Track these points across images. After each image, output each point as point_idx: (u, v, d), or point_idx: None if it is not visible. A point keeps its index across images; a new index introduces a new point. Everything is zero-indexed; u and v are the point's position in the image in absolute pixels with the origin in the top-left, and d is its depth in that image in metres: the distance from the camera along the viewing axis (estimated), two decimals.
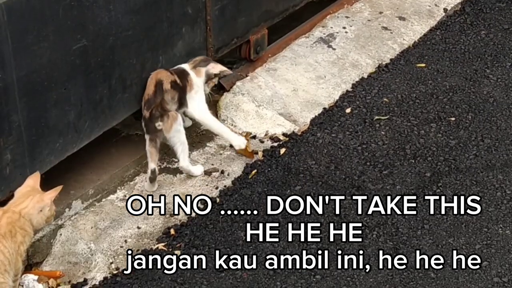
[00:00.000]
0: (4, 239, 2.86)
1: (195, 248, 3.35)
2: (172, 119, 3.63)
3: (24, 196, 3.01)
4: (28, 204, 2.98)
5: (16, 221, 2.94)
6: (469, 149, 3.87)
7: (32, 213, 2.98)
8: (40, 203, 2.99)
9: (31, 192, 3.02)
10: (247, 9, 4.23)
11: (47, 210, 3.02)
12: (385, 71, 4.54)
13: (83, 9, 3.24)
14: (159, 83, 3.64)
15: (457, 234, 3.37)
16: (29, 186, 3.05)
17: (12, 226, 2.92)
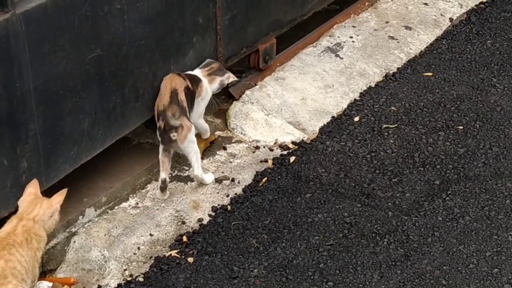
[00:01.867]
0: (21, 248, 2.89)
1: (208, 255, 3.38)
2: (186, 130, 3.66)
3: (31, 204, 3.03)
4: (39, 211, 3.01)
5: (31, 228, 2.97)
6: (477, 157, 3.91)
7: (44, 219, 3.02)
8: (50, 208, 3.03)
9: (36, 199, 3.05)
10: (256, 19, 4.27)
11: (56, 215, 3.06)
12: (392, 80, 4.58)
13: (98, 19, 3.28)
14: (174, 93, 3.65)
15: (468, 241, 3.40)
16: (31, 193, 3.07)
17: (28, 233, 2.95)
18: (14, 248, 2.86)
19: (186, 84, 3.73)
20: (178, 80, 3.71)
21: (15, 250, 2.86)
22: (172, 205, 3.69)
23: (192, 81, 3.80)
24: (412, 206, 3.62)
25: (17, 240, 2.90)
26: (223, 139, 4.14)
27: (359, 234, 3.47)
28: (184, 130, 3.65)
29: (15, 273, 2.81)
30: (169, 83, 3.69)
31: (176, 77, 3.72)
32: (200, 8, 3.86)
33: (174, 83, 3.69)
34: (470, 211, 3.57)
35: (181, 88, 3.68)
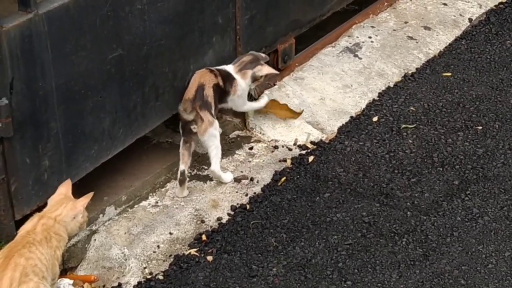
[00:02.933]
0: (41, 246, 2.92)
1: (227, 254, 3.40)
2: (207, 124, 3.69)
3: (57, 203, 3.08)
4: (62, 212, 3.04)
5: (51, 227, 3.00)
6: (496, 158, 3.91)
7: (66, 220, 3.05)
8: (74, 210, 3.06)
9: (64, 199, 3.09)
10: (275, 19, 4.29)
11: (80, 217, 3.09)
12: (411, 80, 4.58)
13: (119, 19, 3.31)
14: (200, 87, 3.70)
15: (487, 242, 3.40)
16: (62, 193, 3.11)
17: (48, 232, 2.98)
18: (34, 246, 2.89)
19: (216, 82, 3.79)
20: (208, 77, 3.76)
21: (35, 248, 2.89)
22: (191, 204, 3.71)
23: (226, 79, 3.86)
24: (431, 206, 3.62)
25: (36, 238, 2.93)
26: (242, 139, 4.15)
27: (377, 233, 3.48)
28: (204, 124, 3.69)
29: (36, 270, 2.85)
30: (199, 78, 3.75)
31: (207, 73, 3.78)
32: (219, 8, 3.88)
33: (204, 78, 3.75)
34: (489, 211, 3.57)
35: (209, 84, 3.74)
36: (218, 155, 3.78)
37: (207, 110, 3.71)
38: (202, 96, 3.70)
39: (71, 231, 3.10)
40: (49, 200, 3.11)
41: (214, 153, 3.77)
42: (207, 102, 3.72)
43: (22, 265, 2.81)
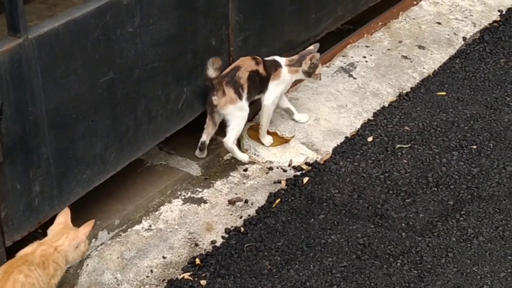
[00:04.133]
0: (38, 269, 2.90)
1: (221, 278, 3.38)
2: (229, 100, 3.86)
3: (58, 234, 3.06)
4: (64, 242, 3.03)
5: (50, 255, 2.98)
6: (491, 177, 3.89)
7: (69, 250, 3.04)
8: (76, 240, 3.05)
9: (64, 229, 3.07)
10: (269, 40, 4.29)
11: (82, 246, 3.09)
12: (406, 100, 4.57)
13: (110, 43, 3.31)
14: (235, 68, 3.93)
15: (482, 262, 3.38)
16: (61, 223, 3.10)
17: (46, 258, 2.95)
18: (32, 266, 2.88)
19: (256, 68, 3.96)
20: (248, 62, 3.96)
21: (33, 268, 2.87)
22: (185, 227, 3.69)
23: (269, 66, 4.05)
24: (425, 227, 3.60)
25: (34, 260, 2.92)
26: (236, 160, 4.13)
27: (372, 255, 3.45)
28: (225, 98, 3.87)
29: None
30: (238, 62, 3.98)
31: (248, 59, 3.99)
32: (212, 30, 3.88)
33: (242, 62, 3.97)
34: (484, 231, 3.55)
35: (246, 68, 3.92)
36: (235, 130, 3.96)
37: (233, 88, 3.88)
38: (234, 76, 3.89)
39: (72, 260, 3.09)
40: (49, 231, 3.09)
41: (232, 127, 3.95)
42: (237, 82, 3.90)
43: (21, 282, 2.80)
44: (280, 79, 4.11)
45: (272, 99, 4.11)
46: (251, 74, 3.94)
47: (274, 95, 4.11)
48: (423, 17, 5.40)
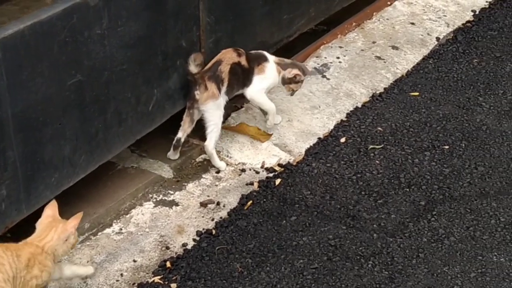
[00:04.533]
0: (18, 260, 2.86)
1: (191, 281, 3.35)
2: (210, 95, 3.84)
3: (47, 228, 3.05)
4: (53, 237, 3.02)
5: (38, 255, 2.96)
6: (463, 177, 3.89)
7: (58, 244, 3.03)
8: (65, 233, 3.05)
9: (53, 222, 3.06)
10: (241, 41, 4.27)
11: (72, 238, 3.08)
12: (379, 100, 4.57)
13: (78, 45, 3.27)
14: (217, 63, 3.90)
15: (452, 263, 3.38)
16: (49, 216, 3.08)
17: (33, 257, 2.93)
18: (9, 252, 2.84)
19: (238, 60, 3.94)
20: (230, 55, 3.94)
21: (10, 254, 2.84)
22: (156, 230, 3.66)
23: (253, 59, 4.03)
24: (397, 228, 3.60)
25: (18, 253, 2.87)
26: (209, 162, 4.11)
27: (343, 256, 3.44)
28: (207, 93, 3.86)
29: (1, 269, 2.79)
30: (220, 55, 3.94)
31: (230, 51, 3.96)
32: (183, 31, 3.86)
33: (224, 55, 3.93)
34: (455, 231, 3.55)
35: (228, 62, 3.90)
36: (214, 132, 3.92)
37: (215, 83, 3.87)
38: (216, 70, 3.88)
39: (63, 253, 3.09)
40: (38, 224, 3.07)
41: (211, 128, 3.92)
42: (218, 77, 3.88)
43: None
44: (266, 74, 4.09)
45: (256, 90, 4.08)
46: (232, 67, 3.93)
47: (258, 87, 4.09)
48: (397, 18, 5.40)
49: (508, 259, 3.39)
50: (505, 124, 4.31)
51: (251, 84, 4.08)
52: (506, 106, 4.47)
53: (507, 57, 4.95)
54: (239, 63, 3.96)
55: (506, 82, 4.70)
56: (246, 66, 4.01)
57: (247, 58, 4.02)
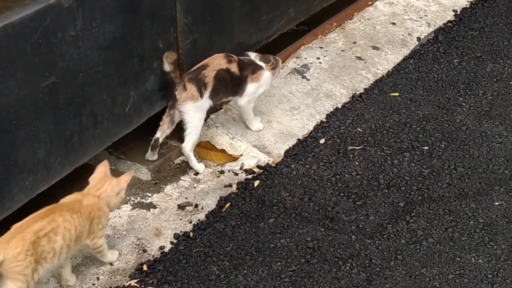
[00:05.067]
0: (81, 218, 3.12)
1: (168, 284, 3.32)
2: (189, 96, 3.81)
3: (101, 180, 3.29)
4: (107, 188, 3.26)
5: (95, 204, 3.21)
6: (442, 178, 3.88)
7: (111, 196, 3.27)
8: (118, 186, 3.28)
9: (105, 177, 3.30)
10: (219, 42, 4.24)
11: (123, 193, 3.30)
12: (359, 101, 4.55)
13: (51, 47, 3.23)
14: (202, 67, 3.88)
15: (430, 264, 3.36)
16: (102, 172, 3.32)
17: (92, 208, 3.19)
18: (75, 214, 3.10)
19: (226, 67, 3.91)
20: (218, 61, 3.92)
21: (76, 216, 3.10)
22: (133, 233, 3.63)
23: (246, 67, 4.01)
24: (375, 229, 3.58)
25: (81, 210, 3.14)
26: (187, 164, 4.08)
27: (321, 259, 3.42)
28: (185, 94, 3.82)
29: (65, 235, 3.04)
30: (208, 59, 3.92)
31: (219, 57, 3.95)
32: (160, 33, 3.82)
33: (211, 60, 3.93)
34: (434, 233, 3.54)
35: (214, 67, 3.88)
36: (193, 134, 3.88)
37: (196, 85, 3.83)
38: (199, 74, 3.85)
39: (113, 206, 3.32)
40: (91, 179, 3.31)
41: (189, 130, 3.87)
42: (201, 80, 3.85)
43: (58, 223, 3.02)
44: (260, 82, 4.09)
45: (248, 99, 4.10)
46: (219, 73, 3.90)
47: (251, 96, 4.09)
48: (378, 18, 5.39)
49: (486, 260, 3.38)
50: (485, 124, 4.30)
51: (244, 92, 4.06)
52: (486, 106, 4.46)
53: (487, 57, 4.94)
54: (227, 70, 3.94)
55: (487, 82, 4.69)
56: (237, 73, 3.99)
57: (239, 65, 3.99)
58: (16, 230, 2.97)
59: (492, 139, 4.17)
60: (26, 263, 2.92)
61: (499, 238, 3.50)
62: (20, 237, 2.93)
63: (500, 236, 3.51)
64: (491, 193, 3.77)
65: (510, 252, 3.42)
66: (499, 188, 3.81)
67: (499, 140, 4.16)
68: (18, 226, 3.00)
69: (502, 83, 4.68)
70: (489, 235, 3.52)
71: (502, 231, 3.55)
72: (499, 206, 3.69)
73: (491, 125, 4.29)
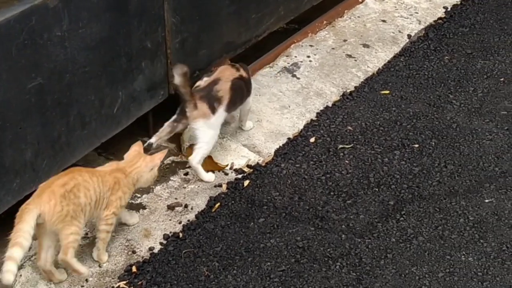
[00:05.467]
0: (103, 185, 3.27)
1: (157, 286, 3.31)
2: (201, 114, 3.75)
3: (136, 157, 3.46)
4: (141, 164, 3.43)
5: (122, 179, 3.36)
6: (432, 176, 3.87)
7: (145, 171, 3.44)
8: (152, 162, 3.46)
9: (139, 155, 3.47)
10: (208, 41, 4.22)
11: (156, 170, 3.47)
12: (350, 99, 4.54)
13: (37, 47, 3.21)
14: (213, 82, 3.83)
15: (420, 263, 3.35)
16: (137, 150, 3.48)
17: (118, 182, 3.34)
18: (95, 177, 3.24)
19: (238, 75, 3.92)
20: (228, 72, 3.91)
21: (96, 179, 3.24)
22: (122, 234, 3.61)
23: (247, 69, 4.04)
24: (365, 228, 3.56)
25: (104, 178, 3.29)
26: (177, 164, 4.07)
27: (311, 258, 3.41)
28: (196, 112, 3.75)
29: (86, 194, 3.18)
30: (217, 73, 3.89)
31: (227, 68, 3.95)
32: (147, 32, 3.80)
33: (221, 73, 3.89)
34: (424, 231, 3.52)
35: (227, 79, 3.85)
36: (203, 149, 3.82)
37: (208, 102, 3.76)
38: (210, 90, 3.80)
39: (146, 182, 3.49)
40: (126, 156, 3.48)
41: (199, 146, 3.82)
42: (214, 96, 3.79)
43: (78, 181, 3.17)
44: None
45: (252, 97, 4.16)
46: (234, 83, 3.87)
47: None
48: (368, 15, 5.37)
49: (476, 258, 3.37)
50: (475, 121, 4.29)
51: (250, 94, 4.09)
52: (477, 103, 4.45)
53: (478, 54, 4.93)
54: (240, 77, 3.93)
55: (477, 79, 4.68)
56: (247, 77, 4.02)
57: (244, 69, 4.02)
58: (43, 187, 3.15)
59: (483, 136, 4.16)
60: (65, 212, 3.11)
61: (489, 235, 3.49)
62: (50, 191, 3.10)
63: (490, 234, 3.50)
64: (481, 191, 3.76)
65: (500, 249, 3.41)
66: (489, 186, 3.79)
67: (489, 137, 4.15)
68: (43, 184, 3.17)
69: (493, 80, 4.67)
70: (479, 232, 3.51)
71: (492, 228, 3.54)
72: (489, 204, 3.68)
73: (481, 122, 4.28)
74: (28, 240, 3.03)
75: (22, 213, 3.06)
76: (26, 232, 3.03)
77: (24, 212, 3.06)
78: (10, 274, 3.00)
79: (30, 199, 3.13)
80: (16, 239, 3.02)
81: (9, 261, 3.02)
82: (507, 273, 3.29)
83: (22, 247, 3.02)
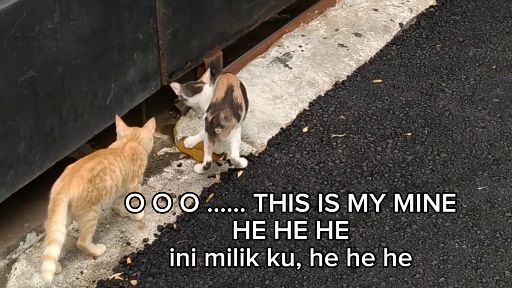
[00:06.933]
0: (125, 161, 3.41)
1: (152, 277, 3.31)
2: (231, 127, 3.77)
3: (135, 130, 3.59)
4: (144, 135, 3.60)
5: (136, 147, 3.51)
6: (425, 164, 3.88)
7: (147, 142, 3.61)
8: (150, 132, 3.63)
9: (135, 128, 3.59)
10: (200, 32, 4.22)
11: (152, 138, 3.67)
12: (342, 88, 4.54)
13: (29, 40, 3.21)
14: (229, 89, 3.82)
15: (414, 251, 3.36)
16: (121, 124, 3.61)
17: (135, 151, 3.49)
18: (119, 157, 3.38)
19: (239, 80, 3.95)
20: (233, 78, 3.92)
21: (120, 159, 3.38)
22: (117, 226, 3.61)
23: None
24: (359, 217, 3.57)
25: (124, 153, 3.44)
26: (170, 156, 4.07)
27: (305, 247, 3.41)
28: (228, 128, 3.76)
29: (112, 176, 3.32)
30: (226, 80, 3.87)
31: (231, 76, 3.95)
32: (139, 24, 3.80)
33: (231, 79, 3.88)
34: (417, 219, 3.53)
35: (237, 84, 3.86)
36: (238, 144, 3.85)
37: (233, 112, 3.78)
38: (231, 99, 3.79)
39: (148, 150, 3.64)
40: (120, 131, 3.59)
41: (234, 144, 3.84)
42: (236, 104, 3.80)
43: (104, 165, 3.31)
44: None
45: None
46: (242, 87, 3.92)
47: None
48: (360, 4, 5.37)
49: (470, 245, 3.38)
50: (468, 109, 4.30)
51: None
52: (469, 91, 4.46)
53: (470, 42, 4.94)
54: (241, 83, 3.97)
55: (469, 67, 4.69)
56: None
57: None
58: (72, 170, 3.26)
59: (475, 124, 4.17)
60: (88, 198, 3.22)
61: (482, 223, 3.51)
62: (79, 176, 3.22)
63: (484, 221, 3.52)
64: (474, 178, 3.78)
65: (494, 237, 3.42)
66: (482, 173, 3.81)
67: (482, 124, 4.16)
68: (72, 167, 3.29)
69: (485, 68, 4.68)
70: (473, 220, 3.53)
71: (485, 216, 3.55)
72: (482, 191, 3.70)
73: (474, 110, 4.29)
74: (63, 232, 3.12)
75: (54, 204, 3.16)
76: (60, 224, 3.11)
77: (56, 203, 3.15)
78: (49, 274, 3.05)
79: (60, 184, 3.22)
80: (52, 236, 3.09)
81: (48, 260, 3.06)
82: (500, 260, 3.31)
83: (59, 243, 3.09)
